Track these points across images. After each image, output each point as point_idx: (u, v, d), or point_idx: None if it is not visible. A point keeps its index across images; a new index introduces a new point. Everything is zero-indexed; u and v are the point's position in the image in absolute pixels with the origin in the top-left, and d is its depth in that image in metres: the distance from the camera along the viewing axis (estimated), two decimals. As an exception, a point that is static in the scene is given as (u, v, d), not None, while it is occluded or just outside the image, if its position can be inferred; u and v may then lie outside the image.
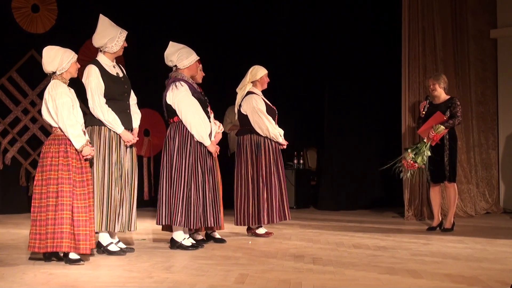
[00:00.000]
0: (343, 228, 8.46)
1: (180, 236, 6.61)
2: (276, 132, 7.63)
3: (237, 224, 7.66)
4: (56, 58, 5.76)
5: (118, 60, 6.49)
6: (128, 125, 6.29)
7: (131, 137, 6.25)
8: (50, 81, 5.83)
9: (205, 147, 6.62)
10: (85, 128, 5.95)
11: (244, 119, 7.70)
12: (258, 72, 7.74)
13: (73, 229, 5.63)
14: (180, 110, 6.55)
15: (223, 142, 8.25)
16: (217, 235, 7.27)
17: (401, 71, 9.75)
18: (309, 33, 12.15)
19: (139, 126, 6.57)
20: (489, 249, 6.62)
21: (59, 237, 5.58)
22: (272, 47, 12.20)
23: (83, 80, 6.18)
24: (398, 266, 5.61)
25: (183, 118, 6.56)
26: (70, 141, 5.71)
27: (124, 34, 6.31)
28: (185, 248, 6.54)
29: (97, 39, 6.27)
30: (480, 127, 10.66)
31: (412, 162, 8.01)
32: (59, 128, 5.73)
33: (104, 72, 6.20)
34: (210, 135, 6.68)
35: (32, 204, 5.73)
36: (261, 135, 7.62)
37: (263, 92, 7.82)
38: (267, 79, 7.79)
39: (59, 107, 5.68)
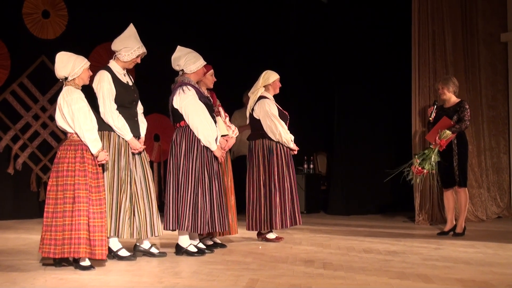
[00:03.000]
0: (354, 233, 8.44)
1: (186, 242, 6.59)
2: (288, 137, 7.63)
3: (248, 229, 7.66)
4: (69, 64, 5.78)
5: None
6: (136, 133, 6.31)
7: (138, 145, 6.26)
8: (62, 87, 5.85)
9: (211, 151, 6.62)
10: (95, 133, 5.97)
11: (256, 124, 7.70)
12: (271, 77, 7.75)
13: (89, 235, 5.64)
14: (188, 115, 6.54)
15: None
16: (217, 240, 7.28)
17: (411, 75, 9.74)
18: (319, 38, 12.15)
19: (148, 131, 6.59)
20: (500, 254, 6.59)
21: (76, 243, 5.58)
22: (282, 51, 12.21)
23: (94, 85, 6.20)
24: (409, 271, 5.59)
25: (190, 123, 6.55)
26: (86, 146, 5.72)
27: (140, 50, 6.33)
28: (191, 254, 6.52)
29: (116, 43, 6.33)
30: (491, 131, 10.62)
31: (420, 168, 7.99)
32: (76, 133, 5.74)
33: (115, 79, 6.23)
34: (216, 140, 6.66)
35: (46, 210, 5.72)
36: (273, 140, 7.63)
37: (274, 97, 7.83)
38: (279, 84, 7.80)
39: (75, 113, 5.69)
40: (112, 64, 6.34)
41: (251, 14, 12.00)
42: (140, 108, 6.52)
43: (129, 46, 6.28)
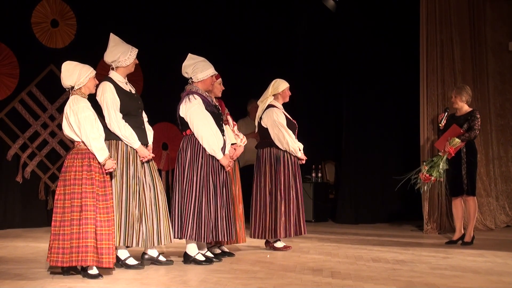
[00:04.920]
0: (362, 242, 8.43)
1: (194, 250, 6.59)
2: (295, 147, 7.62)
3: (252, 237, 7.65)
4: (75, 73, 5.80)
5: (137, 75, 6.52)
6: (144, 140, 6.32)
7: (147, 153, 6.27)
8: (69, 96, 5.87)
9: (218, 160, 6.62)
10: (103, 142, 5.98)
11: (264, 132, 7.71)
12: (280, 85, 7.76)
13: (96, 243, 5.64)
14: (192, 123, 6.55)
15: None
16: (225, 248, 7.27)
17: (419, 83, 9.75)
18: (327, 47, 12.15)
19: (157, 140, 6.60)
20: (509, 263, 6.57)
21: (84, 251, 5.59)
22: (291, 59, 12.21)
23: (98, 97, 6.21)
24: (417, 280, 5.57)
25: (195, 131, 6.55)
26: (93, 155, 5.73)
27: (135, 50, 6.38)
28: (199, 262, 6.52)
29: (109, 55, 6.34)
30: (499, 140, 10.60)
31: (427, 175, 7.98)
32: (82, 142, 5.75)
33: (118, 88, 6.24)
34: (223, 149, 6.66)
35: (54, 218, 5.73)
36: (280, 149, 7.62)
37: (283, 105, 7.83)
38: (288, 93, 7.81)
39: (81, 121, 5.71)
40: (113, 74, 6.35)
41: (260, 22, 12.01)
42: (144, 116, 6.54)
43: (124, 51, 6.32)
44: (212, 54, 7.63)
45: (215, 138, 6.56)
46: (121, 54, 6.30)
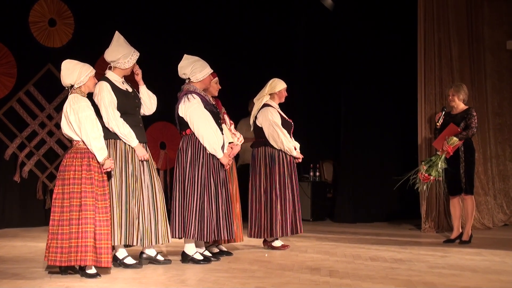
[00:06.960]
0: (360, 241, 8.43)
1: (192, 249, 6.58)
2: (290, 146, 7.61)
3: (250, 236, 7.66)
4: (75, 71, 5.79)
5: (132, 76, 6.50)
6: (142, 139, 6.31)
7: (144, 152, 6.27)
8: (68, 95, 5.85)
9: (218, 159, 6.62)
10: (101, 142, 5.97)
11: (259, 132, 7.70)
12: (278, 85, 7.74)
13: (95, 243, 5.63)
14: (192, 123, 6.54)
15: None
16: (223, 248, 7.27)
17: (417, 83, 9.75)
18: (326, 46, 12.15)
19: (154, 139, 6.60)
20: (507, 262, 6.57)
21: (83, 251, 5.57)
22: (289, 59, 12.21)
23: (94, 97, 6.20)
24: (415, 278, 5.57)
25: (195, 131, 6.55)
26: (93, 154, 5.72)
27: (136, 54, 6.36)
28: (197, 262, 6.51)
29: (110, 54, 6.32)
30: (497, 138, 10.60)
31: (426, 174, 7.97)
32: (82, 141, 5.75)
33: (114, 87, 6.24)
34: (222, 147, 6.66)
35: (51, 218, 5.71)
36: (275, 148, 7.62)
37: (280, 105, 7.82)
38: (285, 93, 7.78)
39: (82, 120, 5.70)
40: (109, 74, 6.34)
41: (259, 22, 12.01)
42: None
43: (126, 53, 6.31)
44: (212, 54, 7.64)
45: (215, 137, 6.56)
46: (122, 56, 6.29)
